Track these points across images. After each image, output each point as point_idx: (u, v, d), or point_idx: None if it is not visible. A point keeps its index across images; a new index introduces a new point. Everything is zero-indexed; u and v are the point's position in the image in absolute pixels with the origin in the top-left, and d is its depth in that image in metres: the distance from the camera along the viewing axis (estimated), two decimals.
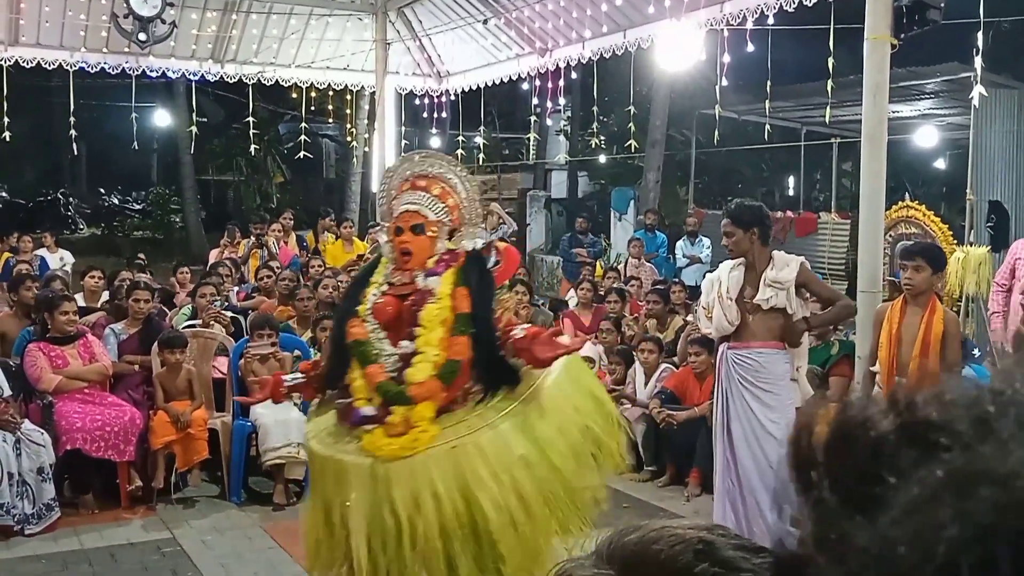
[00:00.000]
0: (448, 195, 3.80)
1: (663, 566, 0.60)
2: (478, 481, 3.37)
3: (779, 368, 5.07)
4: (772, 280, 4.99)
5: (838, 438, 0.51)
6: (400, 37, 12.44)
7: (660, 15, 8.98)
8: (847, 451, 0.50)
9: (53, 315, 6.27)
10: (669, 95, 16.29)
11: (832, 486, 0.49)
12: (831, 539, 0.47)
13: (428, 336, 3.55)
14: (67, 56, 11.25)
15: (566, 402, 3.69)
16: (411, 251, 3.69)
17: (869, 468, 0.48)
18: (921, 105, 13.85)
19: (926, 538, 0.44)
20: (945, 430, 0.47)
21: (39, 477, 5.71)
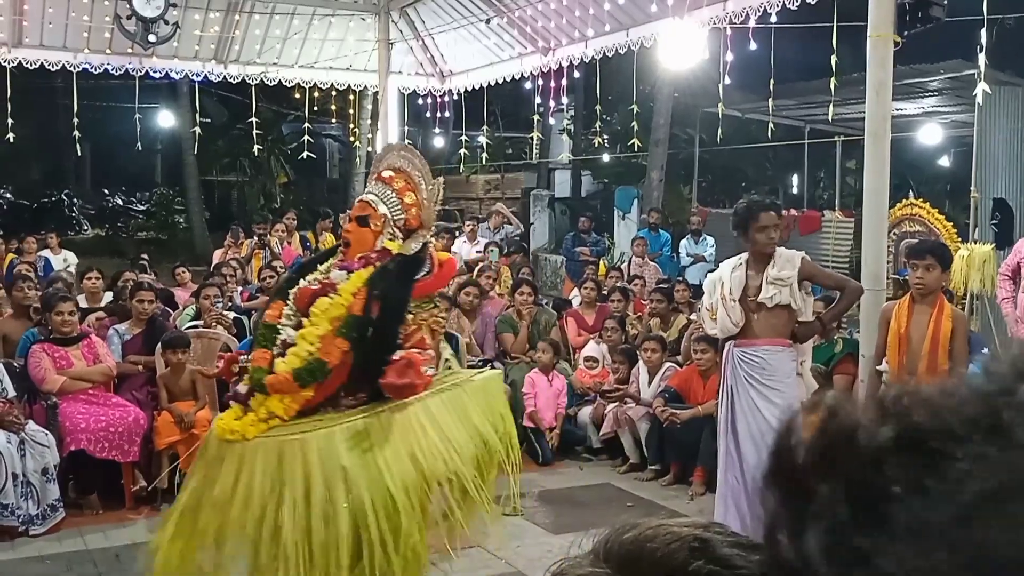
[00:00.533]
0: (407, 191, 3.70)
1: (658, 564, 0.60)
2: (292, 483, 3.28)
3: (786, 365, 5.08)
4: (775, 278, 4.98)
5: (832, 447, 0.49)
6: (403, 37, 12.44)
7: (663, 13, 8.96)
8: (845, 461, 0.48)
9: (51, 315, 6.29)
10: (672, 94, 16.28)
11: (833, 500, 0.47)
12: (846, 558, 0.46)
13: (310, 330, 3.45)
14: (70, 57, 11.26)
15: (439, 431, 3.49)
16: (351, 242, 3.66)
17: (873, 480, 0.46)
18: (925, 103, 13.83)
19: (980, 560, 0.43)
20: (947, 436, 0.46)
21: (43, 478, 5.72)
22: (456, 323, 7.76)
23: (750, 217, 5.02)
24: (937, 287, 5.13)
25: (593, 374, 7.84)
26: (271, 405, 3.37)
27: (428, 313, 3.73)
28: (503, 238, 12.82)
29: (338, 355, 3.39)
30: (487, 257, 11.25)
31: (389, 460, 3.32)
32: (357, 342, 3.41)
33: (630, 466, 7.06)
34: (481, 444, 3.65)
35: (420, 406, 3.47)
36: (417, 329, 3.60)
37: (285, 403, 3.38)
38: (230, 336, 7.19)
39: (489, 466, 3.72)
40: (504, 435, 3.83)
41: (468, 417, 3.63)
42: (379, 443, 3.34)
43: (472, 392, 3.72)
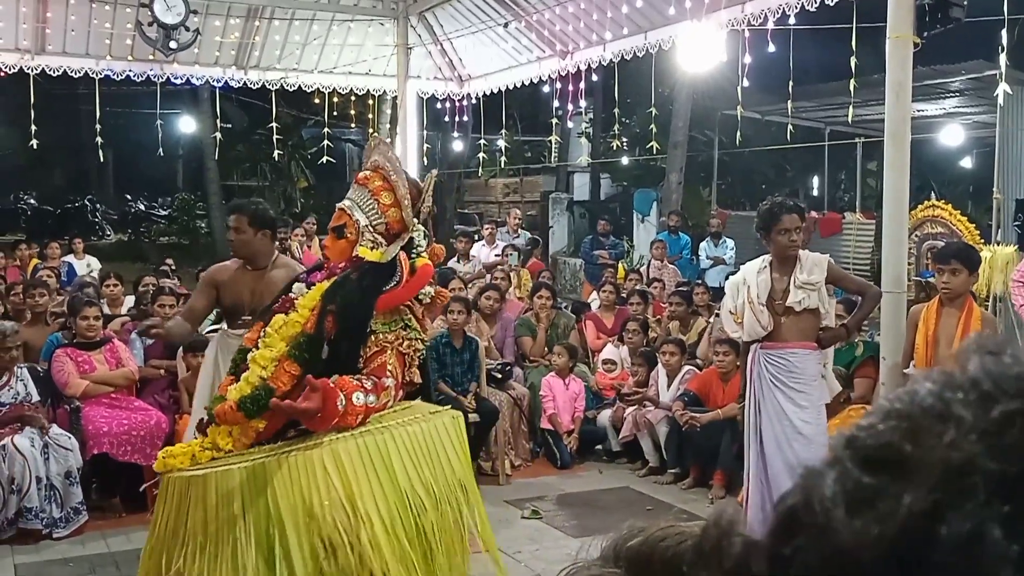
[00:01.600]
0: (383, 191, 3.32)
1: (670, 563, 0.60)
2: (192, 524, 2.99)
3: (812, 368, 5.07)
4: (803, 282, 4.96)
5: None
6: (421, 41, 12.48)
7: (681, 16, 8.95)
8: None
9: (76, 320, 6.35)
10: (691, 96, 16.24)
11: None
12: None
13: (263, 352, 3.11)
14: (93, 64, 11.36)
15: (346, 482, 2.99)
16: (329, 256, 3.35)
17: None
18: (946, 103, 13.74)
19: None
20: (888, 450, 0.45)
21: (67, 481, 5.77)
22: (475, 327, 7.77)
23: (772, 220, 5.00)
24: (965, 290, 5.10)
25: (612, 377, 7.83)
26: (214, 436, 3.09)
27: (395, 335, 3.23)
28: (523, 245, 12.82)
29: (288, 380, 3.02)
30: (506, 260, 11.25)
31: (282, 510, 2.91)
32: (308, 364, 3.02)
33: (649, 469, 7.04)
34: (405, 502, 3.08)
35: (329, 450, 2.99)
36: (380, 352, 3.14)
37: (234, 435, 3.07)
38: None
39: (426, 524, 3.14)
40: (451, 485, 3.27)
41: (390, 468, 3.09)
42: (274, 488, 2.91)
43: (406, 439, 3.16)
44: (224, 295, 4.61)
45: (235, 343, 4.40)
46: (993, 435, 0.44)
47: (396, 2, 12.09)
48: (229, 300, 4.58)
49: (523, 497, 6.53)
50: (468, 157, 21.22)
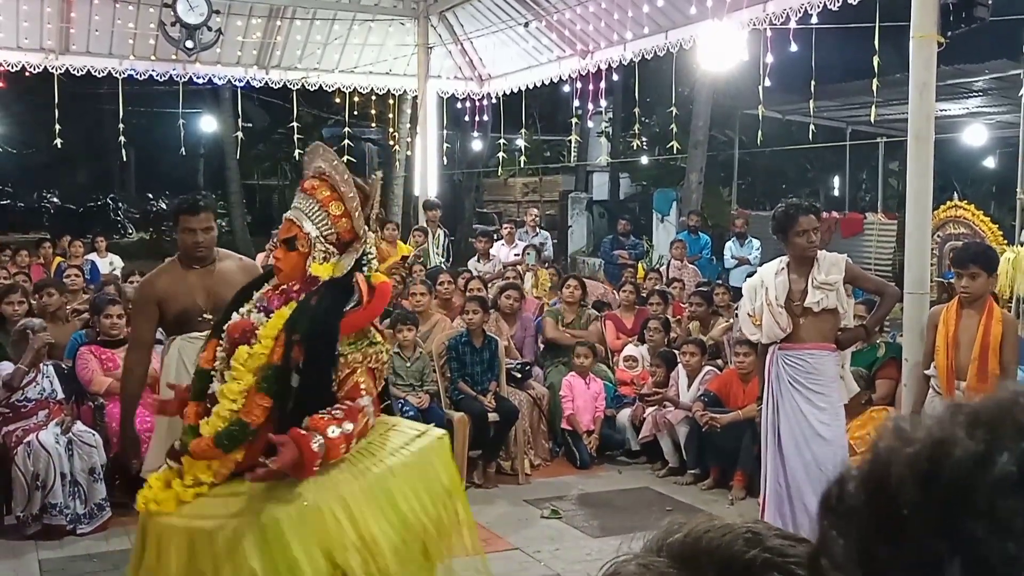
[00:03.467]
0: (332, 201, 3.13)
1: (716, 553, 0.62)
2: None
3: (830, 369, 5.05)
4: (821, 282, 4.95)
5: (947, 485, 0.46)
6: (442, 41, 12.51)
7: (702, 15, 8.93)
8: (961, 502, 0.45)
9: (100, 318, 6.41)
10: (711, 95, 16.20)
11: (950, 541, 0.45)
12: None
13: (231, 385, 2.98)
14: (116, 64, 11.47)
15: (358, 526, 2.92)
16: (280, 268, 3.15)
17: (996, 521, 0.44)
18: (970, 103, 13.64)
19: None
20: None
21: (91, 478, 5.81)
22: (495, 326, 7.79)
23: (789, 222, 4.98)
24: (984, 292, 5.07)
25: (633, 374, 7.84)
26: (197, 471, 2.98)
27: (362, 352, 3.11)
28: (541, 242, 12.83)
29: (261, 413, 2.94)
30: (524, 260, 11.26)
31: (301, 562, 2.83)
32: (281, 396, 2.94)
33: (669, 470, 7.04)
34: (412, 530, 3.07)
35: (336, 498, 2.92)
36: (351, 372, 3.05)
37: (213, 468, 2.99)
38: None
39: (433, 546, 3.15)
40: (446, 509, 3.24)
41: (396, 504, 3.06)
42: (293, 541, 2.84)
43: (404, 470, 3.13)
44: (171, 305, 4.27)
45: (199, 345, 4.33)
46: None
47: (417, 2, 12.13)
48: (178, 307, 4.26)
49: (542, 497, 6.54)
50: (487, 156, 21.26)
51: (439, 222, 11.72)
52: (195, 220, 4.29)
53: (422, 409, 6.88)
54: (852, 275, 5.10)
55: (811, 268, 4.99)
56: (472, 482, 6.74)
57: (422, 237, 11.26)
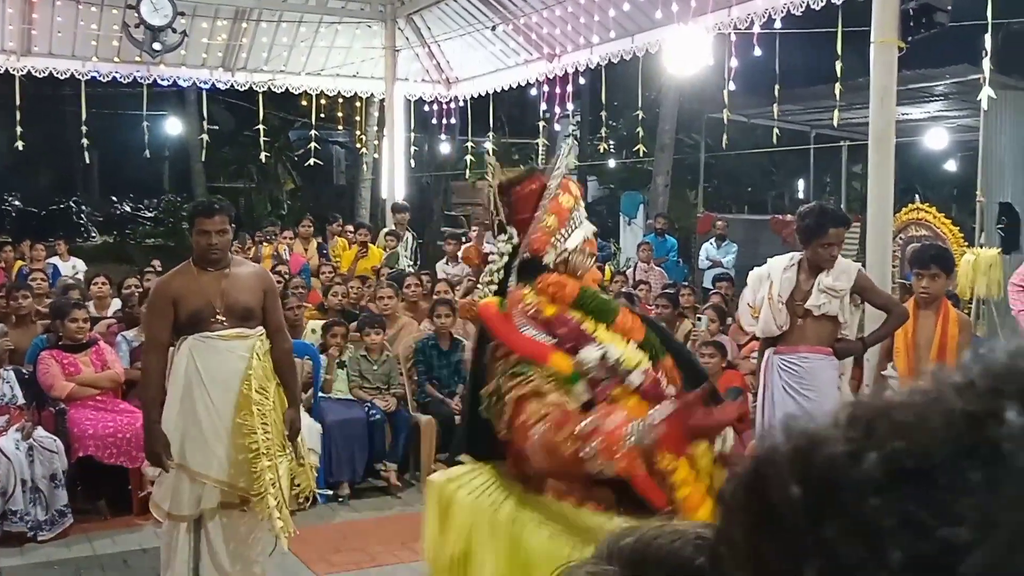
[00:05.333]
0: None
1: (665, 560, 0.61)
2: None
3: (826, 374, 4.91)
4: (828, 287, 4.80)
5: (821, 479, 0.45)
6: (409, 44, 12.48)
7: (668, 20, 8.99)
8: (836, 496, 0.45)
9: (64, 323, 6.33)
10: (678, 99, 16.29)
11: (827, 539, 0.44)
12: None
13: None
14: (79, 66, 11.34)
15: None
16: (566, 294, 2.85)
17: (869, 516, 0.43)
18: (931, 107, 13.82)
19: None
20: (940, 466, 0.43)
21: (52, 484, 5.74)
22: (463, 329, 7.77)
23: (819, 231, 4.78)
24: (942, 293, 5.13)
25: None
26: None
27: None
28: None
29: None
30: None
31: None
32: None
33: None
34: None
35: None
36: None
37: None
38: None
39: None
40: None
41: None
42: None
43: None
44: (185, 305, 4.31)
45: (219, 344, 4.33)
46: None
47: (384, 5, 12.10)
48: (192, 307, 4.31)
49: None
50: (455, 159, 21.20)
51: (407, 225, 11.69)
52: (210, 223, 4.36)
53: (389, 412, 6.86)
54: (861, 286, 4.94)
55: (821, 271, 4.87)
56: None
57: (394, 241, 11.23)
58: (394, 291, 8.03)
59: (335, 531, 5.89)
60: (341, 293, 8.24)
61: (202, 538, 4.42)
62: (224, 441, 4.33)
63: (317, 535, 5.54)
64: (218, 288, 4.35)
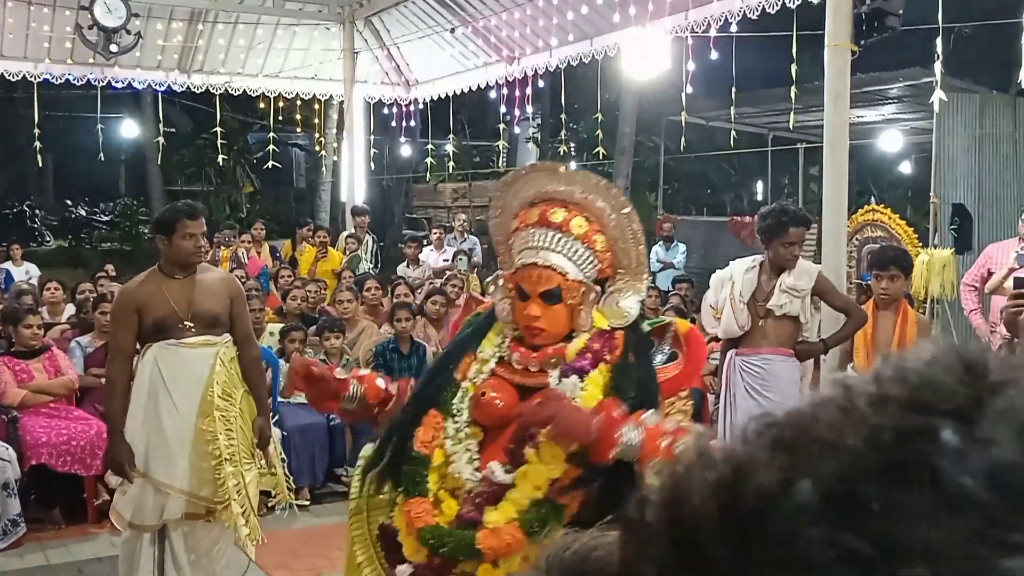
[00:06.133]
0: (596, 234, 2.56)
1: (603, 572, 0.60)
2: None
3: (787, 375, 4.96)
4: (790, 286, 4.88)
5: (745, 512, 0.42)
6: (368, 46, 12.43)
7: (626, 23, 9.04)
8: (762, 529, 0.41)
9: (18, 329, 6.22)
10: (637, 102, 16.38)
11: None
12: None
13: (536, 470, 2.44)
14: (31, 67, 11.16)
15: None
16: (542, 328, 2.52)
17: (801, 549, 0.40)
18: (885, 110, 14.00)
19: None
20: (874, 492, 0.40)
21: (4, 493, 5.65)
22: (423, 332, 7.76)
23: (779, 230, 4.87)
24: (901, 294, 5.20)
25: None
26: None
27: (676, 416, 2.66)
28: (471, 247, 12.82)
29: (576, 496, 2.45)
30: (456, 266, 11.24)
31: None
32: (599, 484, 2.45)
33: None
34: None
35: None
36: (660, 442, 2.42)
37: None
38: None
39: None
40: None
41: None
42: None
43: None
44: (151, 312, 4.24)
45: (185, 352, 4.27)
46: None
47: (342, 7, 12.04)
48: (158, 315, 4.24)
49: None
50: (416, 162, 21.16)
51: (368, 228, 11.65)
52: (195, 225, 4.30)
53: None
54: (821, 288, 5.00)
55: (782, 272, 4.95)
56: None
57: (354, 244, 11.18)
58: (353, 294, 8.00)
59: (295, 536, 5.85)
60: (300, 297, 8.18)
61: (166, 549, 4.37)
62: (188, 449, 4.27)
63: (277, 541, 5.49)
64: (185, 295, 4.30)
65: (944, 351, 0.44)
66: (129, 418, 4.28)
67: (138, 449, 4.25)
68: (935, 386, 0.42)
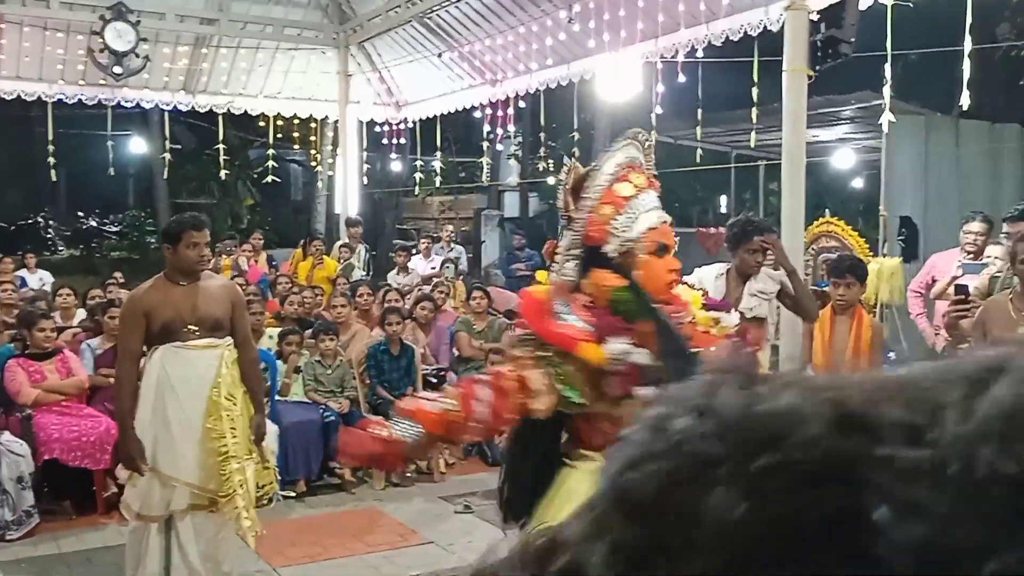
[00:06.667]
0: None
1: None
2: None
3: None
4: (758, 290, 4.92)
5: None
6: (361, 70, 12.43)
7: (600, 49, 9.07)
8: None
9: (32, 332, 6.17)
10: (611, 122, 16.41)
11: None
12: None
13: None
14: (46, 88, 11.10)
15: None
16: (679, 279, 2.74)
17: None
18: (838, 130, 14.10)
19: None
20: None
21: (19, 486, 5.60)
22: (412, 335, 7.74)
23: (743, 238, 4.93)
24: (856, 300, 5.23)
25: None
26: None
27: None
28: (456, 256, 12.81)
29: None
30: (443, 273, 11.23)
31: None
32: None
33: None
34: None
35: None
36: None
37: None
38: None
39: None
40: None
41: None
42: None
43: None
44: (157, 317, 4.23)
45: (189, 354, 4.25)
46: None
47: (337, 32, 12.04)
48: (164, 319, 4.23)
49: (456, 493, 6.52)
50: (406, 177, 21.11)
51: (360, 238, 11.62)
52: (200, 235, 4.30)
53: (343, 414, 6.80)
54: (785, 293, 5.05)
55: (749, 278, 4.98)
56: (391, 481, 6.70)
57: (348, 253, 11.16)
58: (347, 300, 7.98)
59: (291, 526, 5.82)
60: (297, 302, 8.15)
61: (172, 538, 4.34)
62: (194, 445, 4.26)
63: (274, 530, 5.45)
64: (189, 301, 4.28)
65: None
66: (138, 415, 4.27)
67: (147, 444, 4.23)
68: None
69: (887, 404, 0.34)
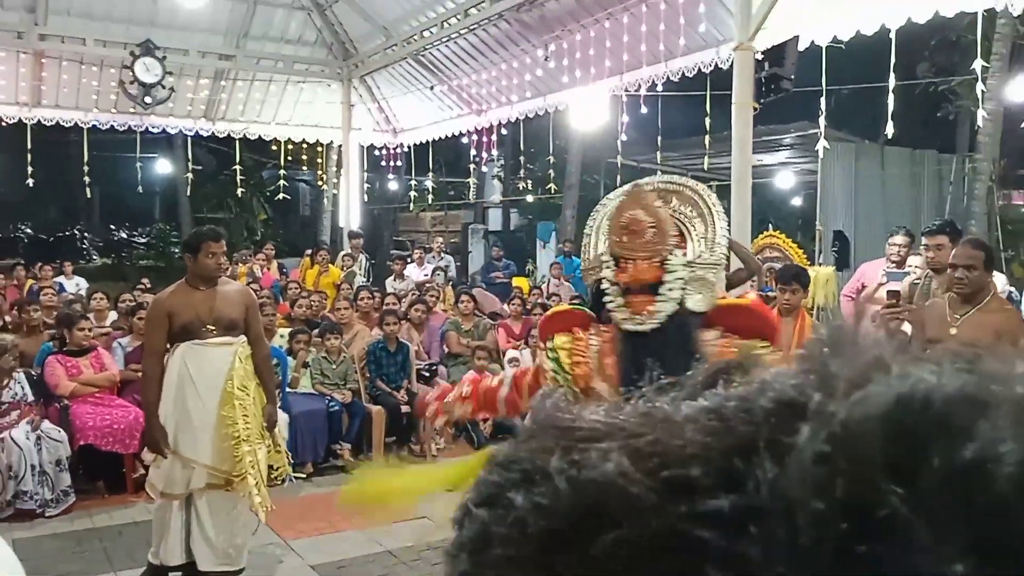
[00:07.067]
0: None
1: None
2: None
3: None
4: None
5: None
6: (362, 100, 12.43)
7: (572, 84, 9.12)
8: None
9: (72, 330, 6.13)
10: (582, 147, 16.48)
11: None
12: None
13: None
14: (82, 115, 11.03)
15: None
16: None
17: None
18: (780, 155, 14.22)
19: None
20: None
21: (57, 468, 5.55)
22: (407, 334, 7.73)
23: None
24: (800, 305, 5.27)
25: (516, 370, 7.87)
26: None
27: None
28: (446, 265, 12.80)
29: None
30: (434, 280, 11.22)
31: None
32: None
33: None
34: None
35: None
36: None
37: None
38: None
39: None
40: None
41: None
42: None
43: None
44: (178, 318, 4.20)
45: (207, 351, 4.23)
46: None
47: (340, 67, 12.04)
48: (184, 320, 4.20)
49: None
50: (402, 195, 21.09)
51: (361, 248, 11.60)
52: (218, 246, 4.26)
53: (346, 403, 6.79)
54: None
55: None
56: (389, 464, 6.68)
57: (350, 261, 11.14)
58: (349, 303, 7.96)
59: (300, 503, 5.79)
60: (305, 305, 8.13)
61: (192, 514, 4.32)
62: (211, 431, 4.23)
63: (285, 507, 5.43)
64: (207, 304, 4.26)
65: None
66: (161, 405, 4.24)
67: (169, 430, 4.22)
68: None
69: (704, 455, 0.30)
